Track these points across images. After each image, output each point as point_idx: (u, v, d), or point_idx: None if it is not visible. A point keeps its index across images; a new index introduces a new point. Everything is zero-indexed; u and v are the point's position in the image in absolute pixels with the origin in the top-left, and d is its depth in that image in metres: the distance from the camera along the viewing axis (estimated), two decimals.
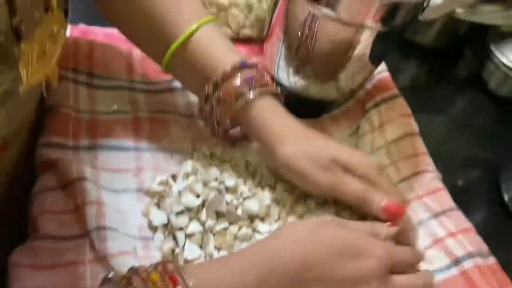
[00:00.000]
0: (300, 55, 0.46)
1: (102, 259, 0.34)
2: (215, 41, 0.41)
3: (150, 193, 0.40)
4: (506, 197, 0.51)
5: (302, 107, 0.51)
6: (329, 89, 0.48)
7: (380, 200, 0.36)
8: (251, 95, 0.39)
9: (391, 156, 0.47)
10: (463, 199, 0.48)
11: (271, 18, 0.49)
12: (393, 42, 0.48)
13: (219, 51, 0.40)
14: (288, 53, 0.47)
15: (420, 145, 0.48)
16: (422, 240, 0.41)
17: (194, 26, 0.40)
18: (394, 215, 0.36)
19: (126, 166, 0.41)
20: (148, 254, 0.36)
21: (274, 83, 0.42)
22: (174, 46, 0.40)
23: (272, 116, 0.39)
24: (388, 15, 0.40)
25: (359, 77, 0.48)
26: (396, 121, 0.48)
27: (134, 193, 0.40)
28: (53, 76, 0.34)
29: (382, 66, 0.54)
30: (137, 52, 0.51)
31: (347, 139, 0.50)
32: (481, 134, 0.60)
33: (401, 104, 0.50)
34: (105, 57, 0.48)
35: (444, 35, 0.65)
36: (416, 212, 0.43)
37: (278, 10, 0.47)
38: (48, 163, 0.38)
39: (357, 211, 0.39)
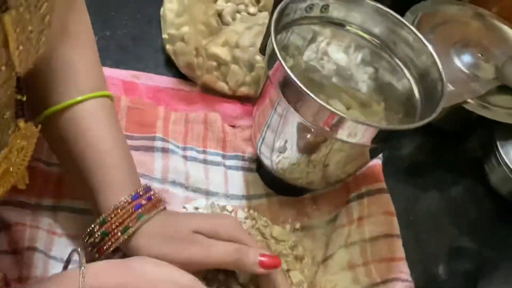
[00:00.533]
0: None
1: None
2: (100, 131, 0.37)
3: None
4: None
5: (282, 186, 0.49)
6: (315, 178, 0.46)
7: (254, 256, 0.36)
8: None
9: (364, 255, 0.44)
10: None
11: (266, 81, 0.47)
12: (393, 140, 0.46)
13: (105, 152, 0.37)
14: (278, 125, 0.45)
15: (398, 248, 0.45)
16: None
17: (79, 97, 0.36)
18: (272, 268, 0.36)
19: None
20: None
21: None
22: (52, 109, 0.36)
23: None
24: (382, 137, 0.38)
25: (350, 167, 0.46)
26: (377, 218, 0.46)
27: None
28: (22, 181, 0.33)
29: None
30: (125, 100, 0.50)
31: (325, 226, 0.48)
32: (472, 227, 0.57)
33: (386, 200, 0.47)
34: None
35: (453, 118, 0.62)
36: None
37: (272, 72, 0.45)
38: (3, 224, 0.37)
39: None
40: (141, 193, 0.37)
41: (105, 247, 0.36)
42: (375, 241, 0.45)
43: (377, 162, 0.51)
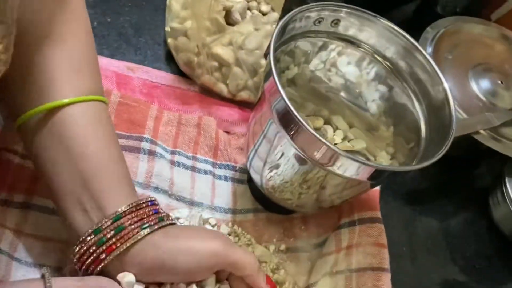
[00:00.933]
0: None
1: None
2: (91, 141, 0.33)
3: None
4: None
5: (272, 203, 0.46)
6: (307, 201, 0.43)
7: None
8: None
9: (348, 286, 0.42)
10: None
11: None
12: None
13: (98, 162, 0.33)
14: (276, 135, 0.42)
15: (385, 283, 0.42)
16: None
17: (65, 100, 0.33)
18: None
19: (55, 235, 0.38)
20: None
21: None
22: (35, 110, 0.33)
23: None
24: (376, 174, 0.35)
25: (347, 193, 0.43)
26: (367, 248, 0.43)
27: (51, 272, 0.36)
28: None
29: None
30: (116, 94, 0.47)
31: (311, 250, 0.45)
32: (469, 261, 0.55)
33: (378, 231, 0.44)
34: None
35: (462, 146, 0.58)
36: None
37: (267, 88, 0.42)
38: None
39: None
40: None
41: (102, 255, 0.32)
42: (362, 272, 0.42)
43: (376, 188, 0.48)
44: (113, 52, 0.52)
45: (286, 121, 0.35)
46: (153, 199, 0.35)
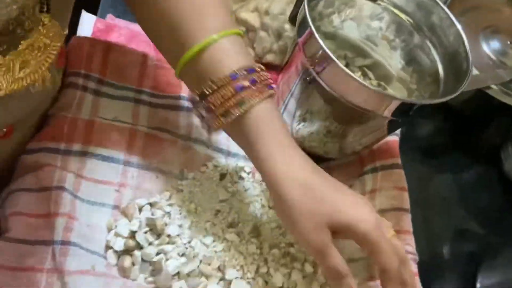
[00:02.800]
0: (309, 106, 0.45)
1: (59, 272, 0.35)
2: (232, 54, 0.36)
3: (123, 213, 0.40)
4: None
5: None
6: (331, 148, 0.47)
7: (347, 285, 0.35)
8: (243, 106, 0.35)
9: None
10: (441, 272, 0.47)
11: (293, 50, 0.47)
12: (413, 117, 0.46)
13: (231, 61, 0.36)
14: (301, 95, 0.46)
15: (406, 223, 0.46)
16: None
17: (215, 36, 0.36)
18: None
19: (110, 179, 0.42)
20: (108, 272, 0.37)
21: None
22: (187, 55, 0.36)
23: (268, 134, 0.36)
24: (400, 109, 0.38)
25: (367, 140, 0.47)
26: (389, 192, 0.47)
27: (110, 209, 0.40)
28: (42, 81, 0.33)
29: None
30: (152, 58, 0.51)
31: None
32: (481, 212, 0.58)
33: (399, 176, 0.48)
34: (119, 63, 0.48)
35: (475, 102, 0.61)
36: None
37: (302, 40, 0.46)
38: (31, 166, 0.39)
39: None
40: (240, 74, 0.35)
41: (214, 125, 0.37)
42: (384, 213, 0.45)
43: (394, 138, 0.51)
44: None
45: (320, 62, 0.38)
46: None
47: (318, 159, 0.49)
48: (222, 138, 0.48)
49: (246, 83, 0.36)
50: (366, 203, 0.37)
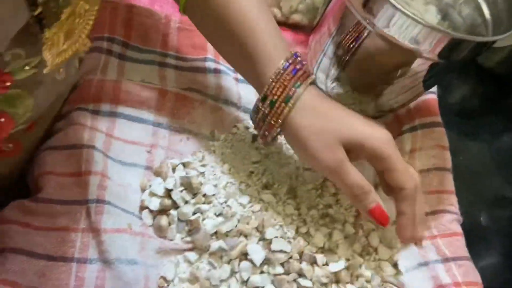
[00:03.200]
0: (345, 61, 0.43)
1: (94, 230, 0.34)
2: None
3: (156, 173, 0.39)
4: None
5: None
6: (368, 105, 0.44)
7: (370, 203, 0.34)
8: (296, 93, 0.34)
9: None
10: (479, 238, 0.45)
11: (325, 9, 0.46)
12: (452, 69, 0.44)
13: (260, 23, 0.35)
14: (334, 54, 0.44)
15: (449, 182, 0.44)
16: (424, 282, 0.39)
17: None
18: (377, 222, 0.34)
19: (141, 140, 0.40)
20: (145, 231, 0.36)
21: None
22: None
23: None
24: (450, 49, 0.36)
25: (403, 98, 0.44)
26: (430, 151, 0.44)
27: (142, 170, 0.39)
28: (83, 50, 0.32)
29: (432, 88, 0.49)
30: (175, 20, 0.49)
31: None
32: None
33: (440, 134, 0.45)
34: (143, 26, 0.46)
35: (510, 62, 0.58)
36: (426, 252, 0.40)
37: (334, 2, 0.44)
38: (61, 128, 0.38)
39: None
40: (292, 60, 0.34)
41: (273, 121, 0.35)
42: (426, 173, 0.43)
43: (433, 96, 0.49)
44: None
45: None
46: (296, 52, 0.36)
47: None
48: (252, 99, 0.46)
49: (298, 66, 0.35)
50: (380, 125, 0.35)
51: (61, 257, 0.32)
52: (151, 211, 0.36)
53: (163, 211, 0.36)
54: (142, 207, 0.37)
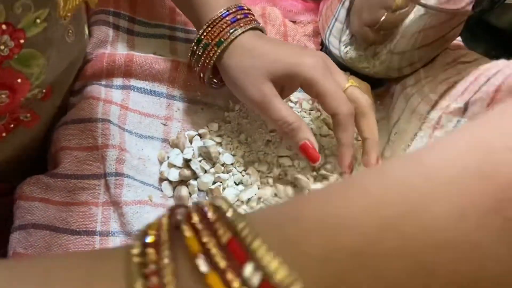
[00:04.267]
0: (358, 24, 0.41)
1: (115, 204, 0.33)
2: None
3: (173, 145, 0.38)
4: None
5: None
6: (382, 67, 0.43)
7: (300, 139, 0.33)
8: (230, 37, 0.35)
9: (427, 99, 0.41)
10: None
11: None
12: (467, 23, 0.42)
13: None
14: (346, 19, 0.43)
15: None
16: None
17: None
18: (307, 158, 0.34)
19: (156, 112, 0.39)
20: (165, 203, 0.35)
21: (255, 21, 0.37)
22: None
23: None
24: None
25: (414, 66, 0.43)
26: (437, 77, 0.42)
27: (159, 142, 0.38)
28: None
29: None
30: None
31: (386, 117, 0.46)
32: None
33: None
34: (147, 0, 0.45)
35: None
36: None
37: None
38: (75, 104, 0.37)
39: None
40: (233, 10, 0.35)
41: (205, 63, 0.36)
42: (434, 93, 0.42)
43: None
44: None
45: None
46: (242, 5, 0.36)
47: (374, 82, 0.47)
48: None
49: (238, 16, 0.36)
50: (313, 53, 0.34)
51: (84, 231, 0.32)
52: (170, 182, 0.36)
53: (182, 182, 0.36)
54: (162, 179, 0.36)
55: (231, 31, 0.35)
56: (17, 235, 0.31)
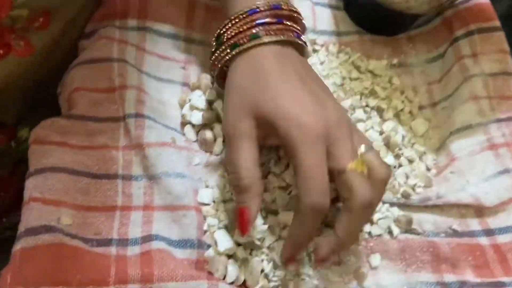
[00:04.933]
0: None
1: (136, 147, 0.31)
2: None
3: (194, 87, 0.35)
4: None
5: (378, 19, 0.43)
6: (413, 5, 0.39)
7: (240, 201, 0.27)
8: (247, 44, 0.28)
9: (487, 90, 0.38)
10: None
11: None
12: None
13: None
14: None
15: None
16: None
17: None
18: (237, 224, 0.27)
19: (174, 55, 0.37)
20: (189, 147, 0.33)
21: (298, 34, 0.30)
22: None
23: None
24: None
25: None
26: (492, 55, 0.40)
27: (179, 86, 0.35)
28: None
29: None
30: None
31: (424, 64, 0.43)
32: None
33: (500, 39, 0.40)
34: None
35: None
36: (504, 159, 0.35)
37: None
38: (87, 46, 0.34)
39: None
40: (264, 8, 0.29)
41: (215, 62, 0.30)
42: (495, 77, 0.38)
43: (485, 0, 0.44)
44: None
45: None
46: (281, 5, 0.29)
47: (400, 22, 0.43)
48: None
49: (268, 19, 0.29)
50: (322, 113, 0.26)
51: (105, 174, 0.30)
52: (193, 126, 0.34)
53: (206, 125, 0.33)
54: (184, 123, 0.34)
55: (252, 36, 0.28)
56: (33, 180, 0.29)
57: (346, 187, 0.26)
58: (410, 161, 0.35)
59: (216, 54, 0.30)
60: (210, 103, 0.33)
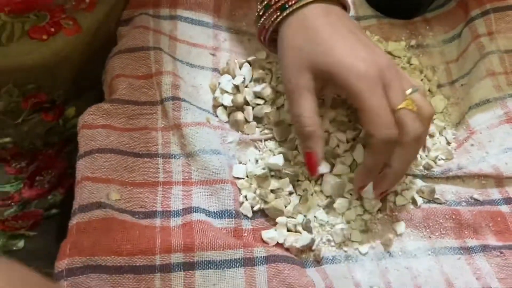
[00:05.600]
0: None
1: (174, 128, 0.33)
2: None
3: (224, 72, 0.37)
4: None
5: (395, 3, 0.45)
6: None
7: (306, 147, 0.30)
8: (295, 5, 0.30)
9: (504, 66, 0.39)
10: None
11: None
12: None
13: None
14: None
15: None
16: None
17: None
18: (307, 167, 0.31)
19: (204, 42, 0.39)
20: (223, 126, 0.35)
21: None
22: None
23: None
24: None
25: None
26: (508, 33, 0.40)
27: (210, 72, 0.38)
28: None
29: None
30: None
31: (441, 45, 0.44)
32: None
33: None
34: None
35: None
36: None
37: None
38: (125, 33, 0.37)
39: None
40: None
41: (265, 26, 0.32)
42: (510, 53, 0.39)
43: None
44: None
45: None
46: None
47: (416, 4, 0.44)
48: None
49: None
50: (372, 58, 0.29)
51: (146, 153, 0.32)
52: (225, 108, 0.36)
53: (238, 108, 0.35)
54: (215, 105, 0.36)
55: None
56: (83, 161, 0.31)
57: (399, 124, 0.29)
58: (431, 136, 0.37)
59: (264, 18, 0.32)
60: (238, 87, 0.35)
